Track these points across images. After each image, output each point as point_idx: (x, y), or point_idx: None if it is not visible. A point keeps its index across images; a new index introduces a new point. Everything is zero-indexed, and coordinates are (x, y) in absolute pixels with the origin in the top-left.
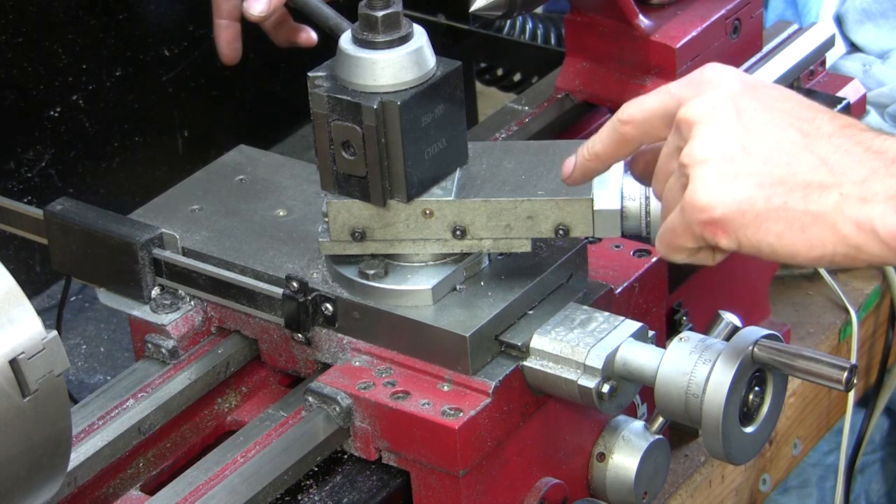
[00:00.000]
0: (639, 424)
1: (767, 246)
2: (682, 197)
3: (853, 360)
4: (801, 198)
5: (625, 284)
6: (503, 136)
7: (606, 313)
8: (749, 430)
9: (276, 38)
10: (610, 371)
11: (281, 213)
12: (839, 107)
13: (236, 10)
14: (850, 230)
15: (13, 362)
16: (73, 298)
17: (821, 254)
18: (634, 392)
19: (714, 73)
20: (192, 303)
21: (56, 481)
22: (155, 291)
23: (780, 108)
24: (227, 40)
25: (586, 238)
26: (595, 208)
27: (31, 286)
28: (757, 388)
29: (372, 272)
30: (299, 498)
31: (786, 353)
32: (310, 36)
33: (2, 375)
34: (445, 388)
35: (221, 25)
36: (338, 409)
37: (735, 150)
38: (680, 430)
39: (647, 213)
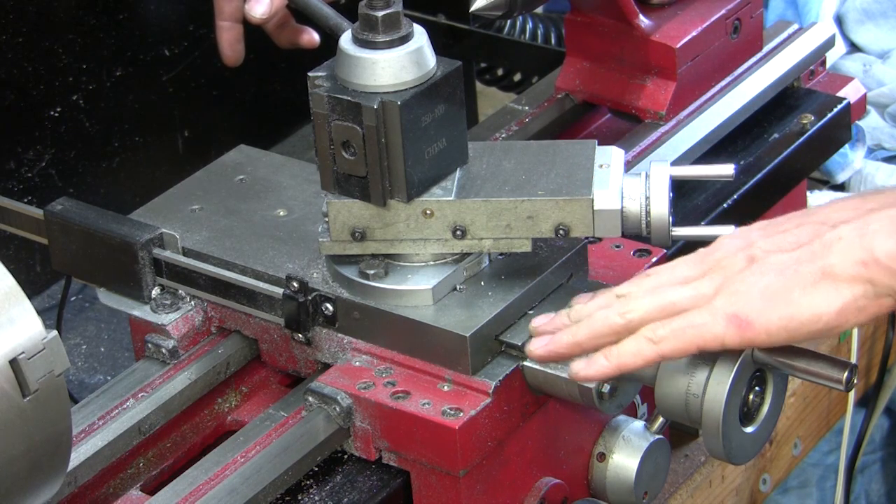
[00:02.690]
0: (639, 424)
1: (787, 319)
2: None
3: (853, 360)
4: (809, 260)
5: None
6: (503, 136)
7: None
8: (749, 430)
9: (278, 40)
10: None
11: (281, 213)
12: (839, 107)
13: (238, 11)
14: (857, 269)
15: (13, 362)
16: (73, 298)
17: (840, 305)
18: (634, 392)
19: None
20: (193, 303)
21: (56, 481)
22: (155, 291)
23: (784, 220)
24: (230, 42)
25: (586, 238)
26: (595, 208)
27: (31, 286)
28: (757, 388)
29: (372, 272)
30: (299, 498)
31: (786, 353)
32: (312, 37)
33: (2, 375)
34: (445, 388)
35: (224, 27)
36: (338, 409)
37: (748, 251)
38: (680, 430)
39: (648, 213)
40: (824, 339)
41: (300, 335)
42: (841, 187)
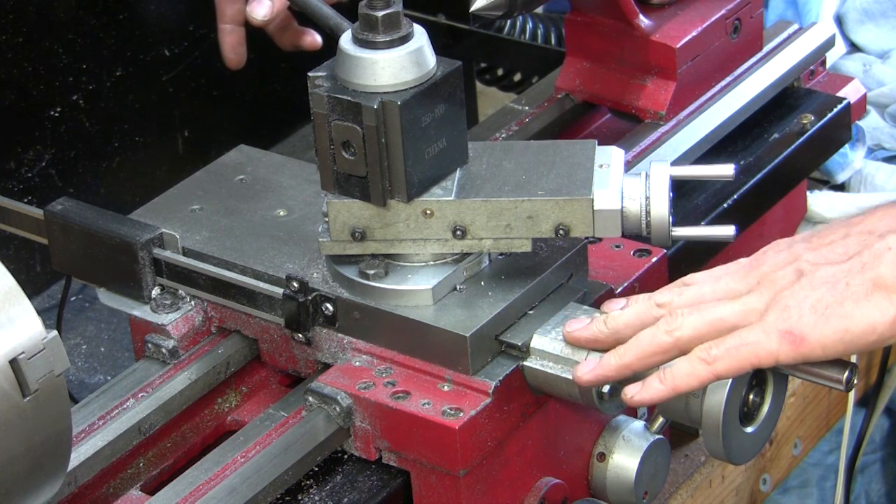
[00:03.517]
0: (639, 424)
1: (842, 332)
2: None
3: (853, 359)
4: (860, 272)
5: (625, 284)
6: (503, 136)
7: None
8: (749, 430)
9: (280, 42)
10: None
11: (281, 213)
12: (839, 107)
13: (240, 14)
14: None
15: (13, 362)
16: (73, 298)
17: (893, 314)
18: None
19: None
20: (193, 303)
21: (56, 481)
22: (155, 291)
23: (828, 230)
24: (232, 45)
25: (586, 238)
26: (595, 208)
27: (31, 286)
28: (757, 388)
29: (372, 272)
30: (299, 498)
31: None
32: (314, 39)
33: (2, 375)
34: (445, 388)
35: (225, 30)
36: (338, 408)
37: (797, 265)
38: (680, 430)
39: (648, 213)
40: (876, 350)
41: (300, 335)
42: (841, 187)
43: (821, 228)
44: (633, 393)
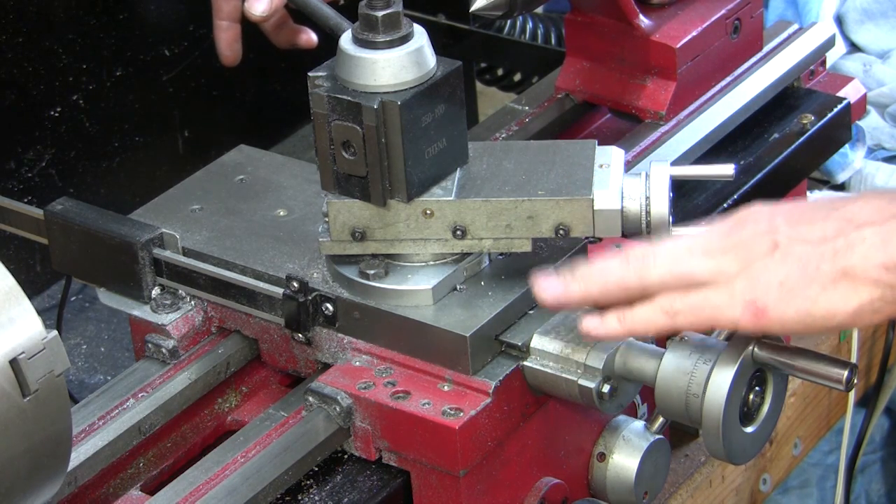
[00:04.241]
0: (639, 424)
1: (804, 314)
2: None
3: (853, 360)
4: (831, 258)
5: None
6: (503, 136)
7: None
8: (749, 430)
9: (276, 40)
10: (610, 371)
11: (281, 213)
12: (839, 107)
13: (237, 11)
14: (877, 273)
15: (13, 362)
16: (73, 298)
17: (856, 305)
18: (634, 392)
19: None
20: (193, 303)
21: (56, 481)
22: (155, 291)
23: (811, 208)
24: (228, 42)
25: (586, 238)
26: (595, 208)
27: (31, 286)
28: (757, 388)
29: (372, 272)
30: (300, 498)
31: (786, 352)
32: (310, 37)
33: (2, 375)
34: (446, 387)
35: (222, 27)
36: (338, 408)
37: (773, 237)
38: (680, 430)
39: (647, 213)
40: (832, 333)
41: (300, 335)
42: (841, 187)
43: (804, 204)
44: (590, 327)
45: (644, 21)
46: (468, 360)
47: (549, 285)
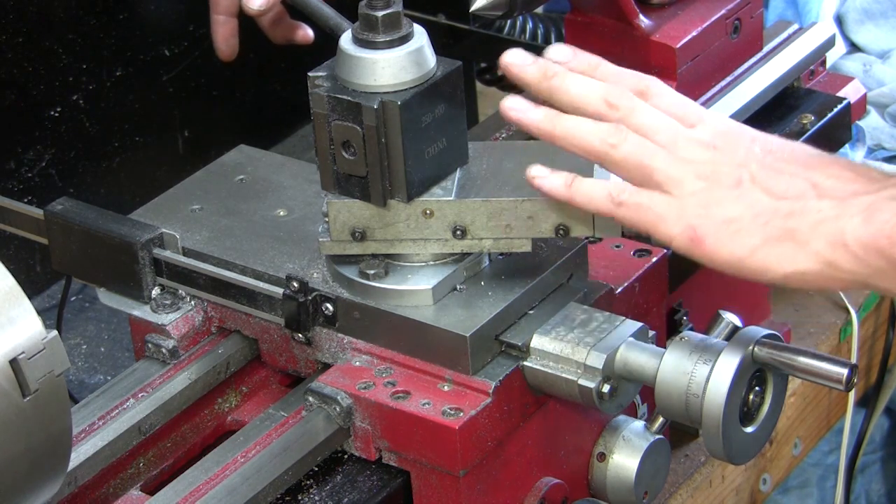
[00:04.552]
0: (639, 424)
1: (737, 259)
2: (684, 201)
3: (853, 360)
4: (784, 216)
5: (625, 284)
6: (503, 136)
7: (606, 313)
8: (749, 430)
9: (272, 36)
10: (610, 371)
11: (281, 213)
12: (839, 107)
13: (234, 5)
14: (822, 246)
15: (13, 362)
16: (73, 298)
17: (791, 270)
18: (635, 392)
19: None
20: (193, 303)
21: (56, 481)
22: (155, 291)
23: (788, 156)
24: (225, 36)
25: (586, 238)
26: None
27: (31, 286)
28: (757, 388)
29: (372, 272)
30: (300, 498)
31: (786, 352)
32: (306, 33)
33: (2, 375)
34: (446, 387)
35: (219, 21)
36: (338, 408)
37: (740, 172)
38: (680, 429)
39: None
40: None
41: (300, 335)
42: None
43: (786, 147)
44: (538, 174)
45: (644, 21)
46: (468, 360)
47: (518, 104)
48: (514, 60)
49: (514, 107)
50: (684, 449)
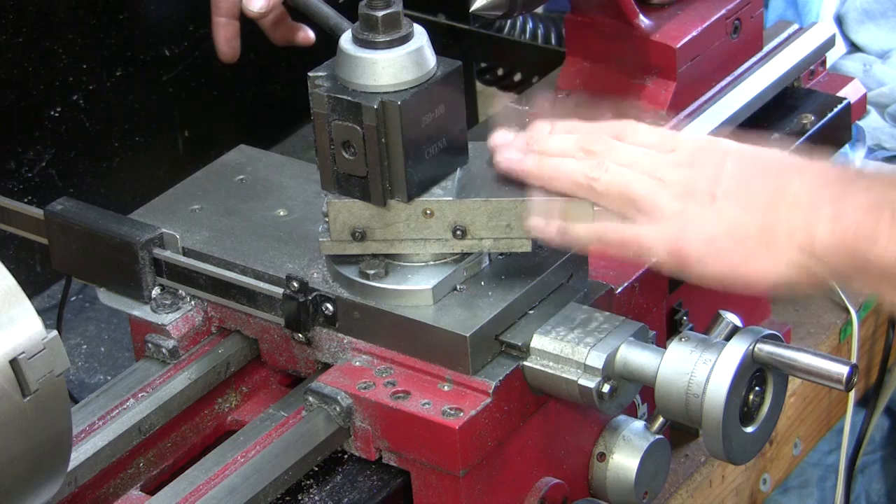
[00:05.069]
0: (639, 424)
1: (723, 276)
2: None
3: (853, 359)
4: (758, 229)
5: (625, 284)
6: None
7: (607, 313)
8: (749, 430)
9: (273, 37)
10: (610, 371)
11: (281, 213)
12: (840, 107)
13: (235, 7)
14: (796, 254)
15: (13, 362)
16: (73, 298)
17: (775, 279)
18: (635, 392)
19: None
20: (193, 303)
21: (56, 481)
22: (155, 291)
23: (760, 164)
24: (226, 38)
25: None
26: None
27: (32, 286)
28: (757, 388)
29: (372, 272)
30: (300, 498)
31: (786, 352)
32: (307, 35)
33: (2, 375)
34: (446, 387)
35: (220, 23)
36: (338, 408)
37: (714, 189)
38: (680, 430)
39: None
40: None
41: (300, 335)
42: None
43: (757, 157)
44: (537, 224)
45: (644, 21)
46: (468, 360)
47: (509, 152)
48: (500, 139)
49: (507, 156)
50: (684, 449)
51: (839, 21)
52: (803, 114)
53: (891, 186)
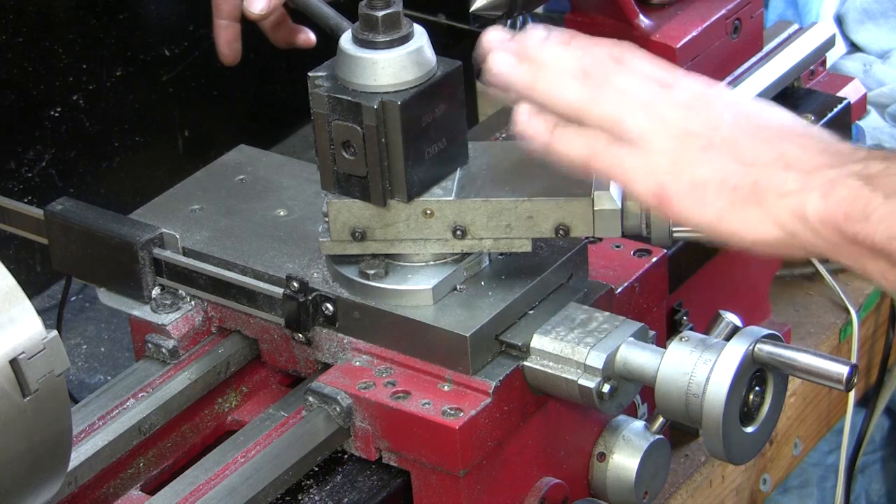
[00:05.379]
0: (639, 424)
1: (705, 222)
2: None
3: (853, 359)
4: (751, 184)
5: (625, 284)
6: (503, 136)
7: (607, 313)
8: (749, 430)
9: (274, 39)
10: (610, 371)
11: (281, 213)
12: (840, 107)
13: (236, 10)
14: (785, 217)
15: (13, 362)
16: (73, 298)
17: (756, 237)
18: (635, 392)
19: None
20: (193, 303)
21: (56, 481)
22: (155, 291)
23: (764, 121)
24: (227, 40)
25: (586, 238)
26: (595, 208)
27: (32, 286)
28: (757, 388)
29: (372, 272)
30: (300, 498)
31: (786, 352)
32: (308, 37)
33: (2, 375)
34: (446, 387)
35: (221, 26)
36: (338, 408)
37: (712, 134)
38: (680, 430)
39: (648, 212)
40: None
41: (300, 335)
42: None
43: (760, 112)
44: (524, 118)
45: (644, 21)
46: (468, 360)
47: (501, 56)
48: (493, 38)
49: (499, 65)
50: (684, 449)
51: (839, 21)
52: (803, 114)
53: (886, 163)
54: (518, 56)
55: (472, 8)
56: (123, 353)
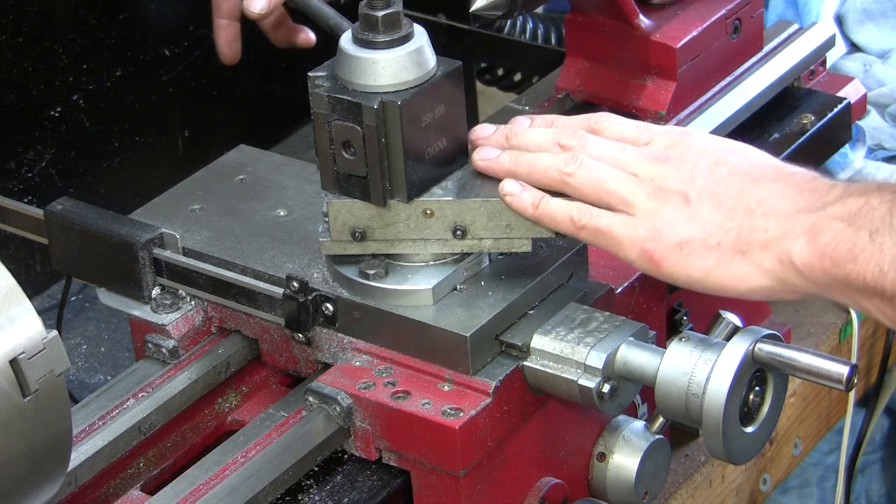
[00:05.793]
0: (639, 424)
1: (696, 280)
2: (636, 216)
3: (853, 359)
4: (734, 236)
5: (625, 284)
6: None
7: (607, 313)
8: (749, 430)
9: (274, 39)
10: (610, 371)
11: (281, 213)
12: (840, 107)
13: (236, 9)
14: (772, 265)
15: (13, 362)
16: (73, 298)
17: (750, 287)
18: (635, 392)
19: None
20: (193, 303)
21: (56, 481)
22: (155, 291)
23: (736, 170)
24: (227, 40)
25: None
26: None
27: (32, 286)
28: (757, 388)
29: (372, 272)
30: (300, 498)
31: (786, 352)
32: (308, 36)
33: (2, 375)
34: (446, 387)
35: (221, 25)
36: (338, 408)
37: (688, 189)
38: (680, 429)
39: None
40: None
41: (300, 335)
42: None
43: (735, 157)
44: (510, 191)
45: (644, 21)
46: (468, 360)
47: (485, 150)
48: (480, 132)
49: (484, 157)
50: (684, 449)
51: (839, 21)
52: (803, 114)
53: (865, 199)
54: (501, 146)
55: (472, 8)
56: (123, 353)
